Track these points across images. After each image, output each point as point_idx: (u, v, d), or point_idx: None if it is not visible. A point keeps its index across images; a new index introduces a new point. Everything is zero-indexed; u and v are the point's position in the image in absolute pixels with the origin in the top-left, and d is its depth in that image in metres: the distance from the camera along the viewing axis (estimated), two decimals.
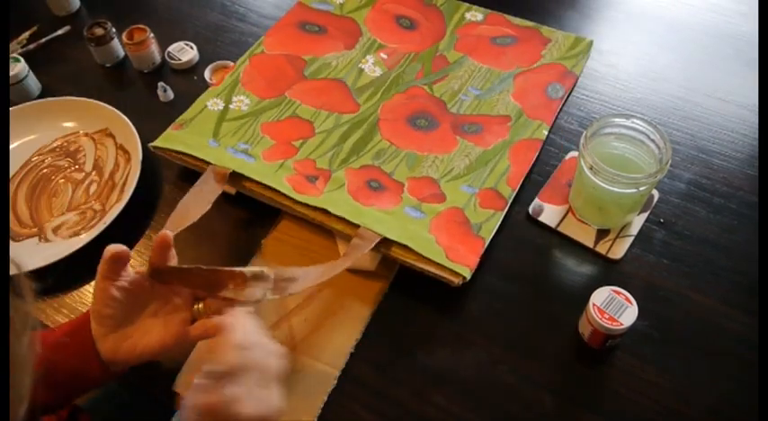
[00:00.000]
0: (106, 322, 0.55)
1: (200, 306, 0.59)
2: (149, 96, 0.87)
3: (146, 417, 0.75)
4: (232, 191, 0.73)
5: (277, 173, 0.73)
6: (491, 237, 0.68)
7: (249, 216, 0.74)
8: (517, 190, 0.73)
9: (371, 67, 0.85)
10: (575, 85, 0.84)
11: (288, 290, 0.59)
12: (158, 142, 0.76)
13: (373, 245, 0.65)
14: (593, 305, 0.60)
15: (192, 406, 0.47)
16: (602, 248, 0.69)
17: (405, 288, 0.67)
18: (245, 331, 0.52)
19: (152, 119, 0.83)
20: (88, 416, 0.73)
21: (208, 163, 0.73)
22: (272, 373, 0.52)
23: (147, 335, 0.57)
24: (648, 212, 0.72)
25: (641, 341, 0.63)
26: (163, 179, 0.78)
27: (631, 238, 0.70)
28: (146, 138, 0.78)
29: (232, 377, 0.49)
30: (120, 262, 0.55)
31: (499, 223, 0.70)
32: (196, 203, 0.68)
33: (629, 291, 0.61)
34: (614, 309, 0.60)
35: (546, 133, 0.78)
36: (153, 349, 0.57)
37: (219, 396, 0.48)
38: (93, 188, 0.78)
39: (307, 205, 0.70)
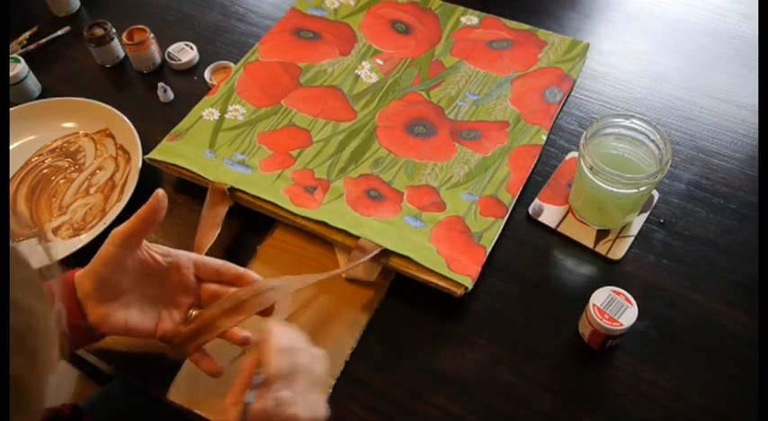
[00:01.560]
0: (104, 288, 0.54)
1: (194, 312, 0.59)
2: (149, 96, 0.87)
3: (146, 417, 0.75)
4: (230, 203, 0.72)
5: (275, 184, 0.73)
6: (492, 245, 0.68)
7: (244, 221, 0.73)
8: (517, 197, 0.73)
9: (367, 74, 0.85)
10: (572, 89, 0.84)
11: (271, 299, 0.59)
12: (154, 154, 0.76)
13: (372, 255, 0.65)
14: (593, 305, 0.60)
15: (247, 413, 0.47)
16: (602, 249, 0.69)
17: (405, 288, 0.67)
18: (287, 335, 0.52)
19: (152, 119, 0.83)
20: (89, 418, 0.73)
21: (204, 178, 0.73)
22: (319, 377, 0.52)
23: (139, 317, 0.56)
24: (648, 213, 0.72)
25: (641, 341, 0.63)
26: (163, 179, 0.78)
27: (631, 239, 0.70)
28: (146, 139, 0.78)
29: (282, 382, 0.48)
30: (154, 222, 0.54)
31: (500, 231, 0.70)
32: (207, 232, 0.69)
33: (629, 292, 0.61)
34: (614, 309, 0.60)
35: (545, 138, 0.77)
36: (140, 333, 0.56)
37: (273, 401, 0.47)
38: (92, 189, 0.78)
39: (305, 217, 0.70)
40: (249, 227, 0.73)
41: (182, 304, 0.58)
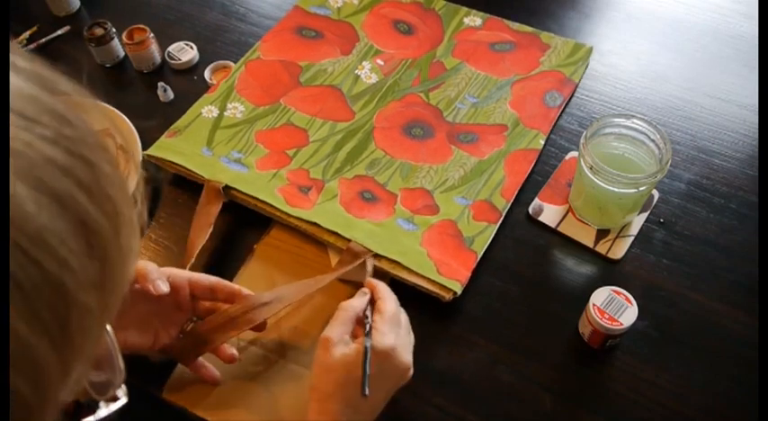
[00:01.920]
0: None
1: (190, 326, 0.60)
2: (149, 96, 0.87)
3: (142, 416, 0.75)
4: (224, 200, 0.72)
5: (270, 183, 0.73)
6: (483, 250, 0.68)
7: (241, 219, 0.73)
8: (512, 202, 0.72)
9: (368, 74, 0.84)
10: (573, 93, 0.84)
11: (262, 315, 0.60)
12: (152, 151, 0.76)
13: (362, 260, 0.66)
14: (593, 305, 0.60)
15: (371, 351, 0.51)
16: (602, 248, 0.69)
17: (401, 290, 0.67)
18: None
19: (152, 119, 0.83)
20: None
21: (200, 176, 0.73)
22: (412, 339, 0.56)
23: (137, 336, 0.57)
24: (648, 212, 0.72)
25: (641, 341, 0.63)
26: (163, 179, 0.78)
27: (631, 238, 0.70)
28: (145, 138, 0.78)
29: (390, 326, 0.53)
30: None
31: (492, 236, 0.69)
32: (200, 230, 0.69)
33: (629, 291, 0.61)
34: (614, 309, 0.60)
35: (542, 143, 0.77)
36: (138, 350, 0.58)
37: (392, 343, 0.52)
38: None
39: (299, 218, 0.70)
40: (246, 224, 0.73)
41: (177, 320, 0.60)
